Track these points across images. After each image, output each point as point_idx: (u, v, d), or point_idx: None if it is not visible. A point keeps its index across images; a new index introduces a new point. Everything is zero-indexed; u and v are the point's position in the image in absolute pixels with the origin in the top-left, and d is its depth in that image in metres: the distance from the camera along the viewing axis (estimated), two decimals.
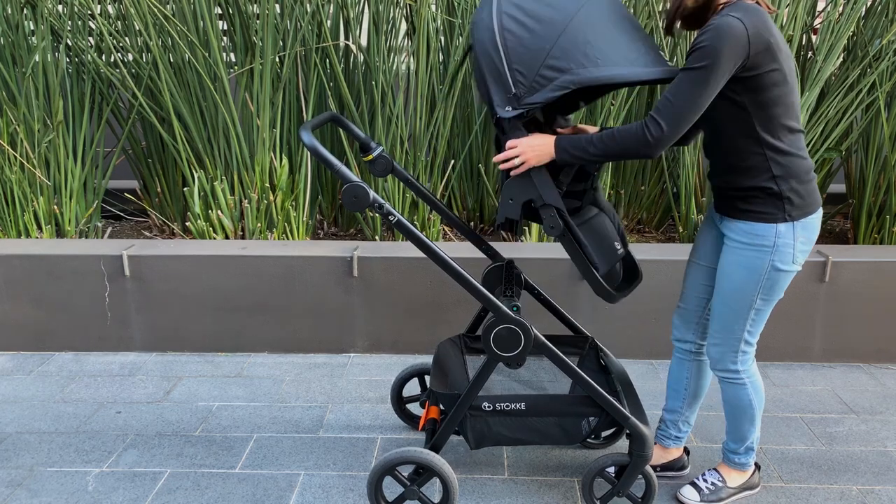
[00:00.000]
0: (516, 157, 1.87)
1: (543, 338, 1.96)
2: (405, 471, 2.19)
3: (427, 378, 2.56)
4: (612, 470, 2.14)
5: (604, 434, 2.44)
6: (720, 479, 2.17)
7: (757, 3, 1.77)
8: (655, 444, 2.31)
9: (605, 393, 1.98)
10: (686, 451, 2.33)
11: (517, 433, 2.06)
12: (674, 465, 2.30)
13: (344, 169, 1.86)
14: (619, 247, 2.10)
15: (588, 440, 2.42)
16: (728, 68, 1.69)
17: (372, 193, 1.85)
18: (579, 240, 1.99)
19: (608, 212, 2.16)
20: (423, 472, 2.00)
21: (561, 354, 1.96)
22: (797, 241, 1.85)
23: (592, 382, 1.97)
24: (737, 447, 2.15)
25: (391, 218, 1.90)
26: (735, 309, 1.93)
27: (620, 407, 1.99)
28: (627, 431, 2.00)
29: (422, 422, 2.16)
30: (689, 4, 1.81)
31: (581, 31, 1.83)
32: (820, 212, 1.89)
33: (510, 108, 1.85)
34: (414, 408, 2.66)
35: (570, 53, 1.83)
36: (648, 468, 2.02)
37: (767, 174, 1.81)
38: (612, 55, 1.82)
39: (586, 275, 1.99)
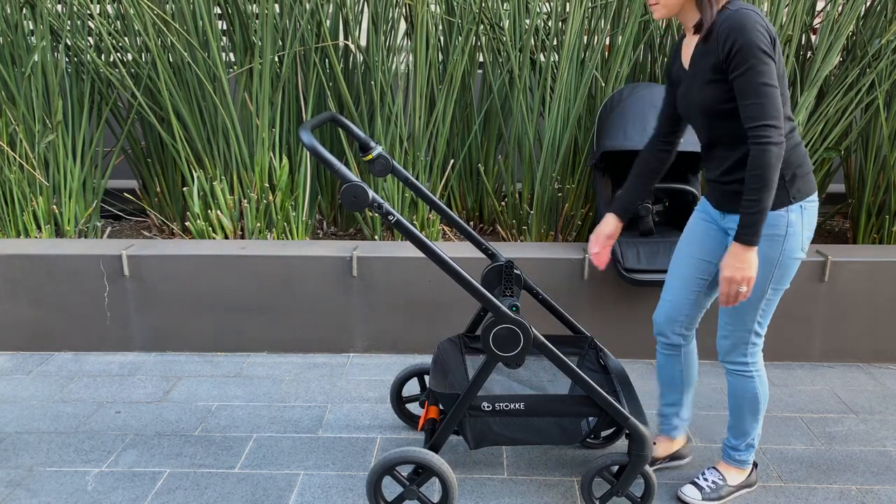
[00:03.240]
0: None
1: (543, 338, 1.96)
2: (404, 471, 2.20)
3: (426, 378, 2.56)
4: (611, 469, 2.14)
5: (603, 434, 2.44)
6: (720, 477, 2.17)
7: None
8: (663, 437, 2.33)
9: (604, 393, 1.98)
10: (688, 437, 2.35)
11: (516, 433, 2.06)
12: (680, 454, 2.33)
13: (343, 169, 1.86)
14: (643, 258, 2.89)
15: (587, 440, 2.42)
16: (766, 48, 1.72)
17: (371, 193, 1.85)
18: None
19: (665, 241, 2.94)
20: (423, 471, 2.00)
21: (560, 354, 1.96)
22: (805, 228, 1.89)
23: (592, 382, 1.97)
24: (738, 443, 2.15)
25: (390, 218, 1.90)
26: (749, 300, 1.94)
27: (620, 407, 1.99)
28: (627, 431, 2.00)
29: (421, 422, 2.16)
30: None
31: (619, 116, 2.89)
32: (817, 199, 1.91)
33: (593, 160, 3.01)
34: (413, 407, 2.66)
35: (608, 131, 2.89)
36: (648, 468, 2.02)
37: None
38: (627, 131, 2.86)
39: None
